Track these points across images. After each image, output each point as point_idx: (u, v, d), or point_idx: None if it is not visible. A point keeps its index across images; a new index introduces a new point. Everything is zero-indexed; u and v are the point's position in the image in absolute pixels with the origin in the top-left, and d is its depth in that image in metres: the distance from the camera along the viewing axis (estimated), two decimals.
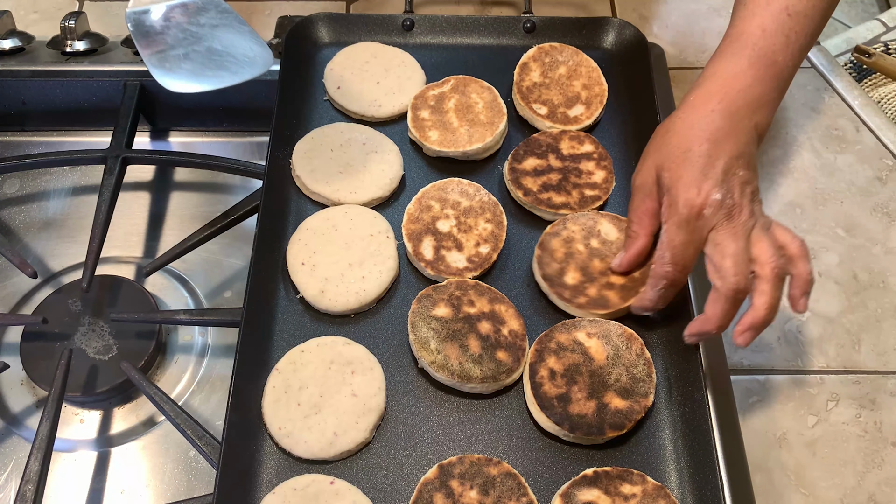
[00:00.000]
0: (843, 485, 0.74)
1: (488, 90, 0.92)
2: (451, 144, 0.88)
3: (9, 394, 0.83)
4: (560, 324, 0.76)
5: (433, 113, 0.90)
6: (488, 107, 0.90)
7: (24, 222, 0.97)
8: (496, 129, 0.88)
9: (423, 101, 0.92)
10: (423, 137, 0.89)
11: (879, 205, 0.92)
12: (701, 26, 1.09)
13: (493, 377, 0.72)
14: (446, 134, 0.89)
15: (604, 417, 0.70)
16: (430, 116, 0.90)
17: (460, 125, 0.89)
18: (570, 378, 0.72)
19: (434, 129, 0.89)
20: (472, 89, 0.92)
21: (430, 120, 0.90)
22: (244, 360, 0.73)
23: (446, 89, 0.92)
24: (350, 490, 0.68)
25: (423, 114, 0.90)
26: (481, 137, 0.88)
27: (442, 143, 0.88)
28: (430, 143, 0.88)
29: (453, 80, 0.93)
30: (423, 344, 0.74)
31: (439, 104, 0.91)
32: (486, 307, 0.76)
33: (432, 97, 0.92)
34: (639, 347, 0.74)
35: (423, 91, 0.92)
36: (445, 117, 0.90)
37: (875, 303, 0.85)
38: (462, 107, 0.91)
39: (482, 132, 0.88)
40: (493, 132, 0.88)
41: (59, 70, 0.99)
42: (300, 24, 0.98)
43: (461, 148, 0.87)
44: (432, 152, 0.89)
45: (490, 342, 0.74)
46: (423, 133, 0.89)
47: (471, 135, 0.88)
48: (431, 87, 0.93)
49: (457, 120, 0.90)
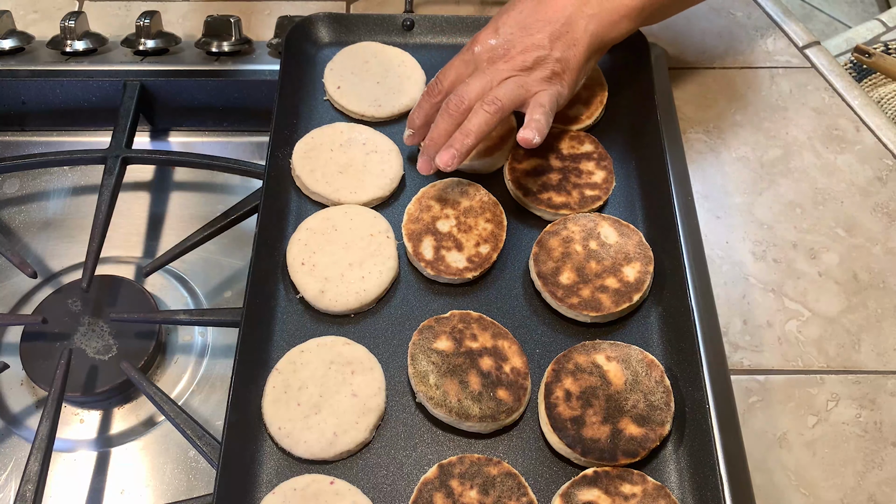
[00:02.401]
0: (843, 485, 0.74)
1: None
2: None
3: (9, 394, 0.84)
4: (580, 345, 0.75)
5: None
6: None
7: (24, 222, 0.97)
8: (505, 143, 0.87)
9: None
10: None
11: (879, 205, 0.92)
12: (701, 26, 1.09)
13: (492, 416, 0.70)
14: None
15: (617, 444, 0.69)
16: None
17: None
18: (586, 401, 0.71)
19: None
20: None
21: None
22: (244, 360, 0.73)
23: None
24: (350, 490, 0.68)
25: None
26: (489, 152, 0.86)
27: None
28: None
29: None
30: (421, 378, 0.72)
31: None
32: (489, 342, 0.75)
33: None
34: (659, 374, 0.72)
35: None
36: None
37: (875, 303, 0.85)
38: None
39: (490, 147, 0.87)
40: (501, 147, 0.87)
41: (58, 70, 0.99)
42: (300, 24, 0.98)
43: (468, 161, 0.86)
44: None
45: (491, 379, 0.72)
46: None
47: (479, 148, 0.86)
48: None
49: None
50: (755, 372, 0.80)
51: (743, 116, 1.00)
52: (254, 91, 0.99)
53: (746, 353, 0.82)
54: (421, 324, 0.76)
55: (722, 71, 1.04)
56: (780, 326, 0.83)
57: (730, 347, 0.81)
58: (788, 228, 0.90)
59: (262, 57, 1.01)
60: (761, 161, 0.95)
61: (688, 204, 0.89)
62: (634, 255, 0.80)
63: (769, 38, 1.08)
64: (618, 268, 0.79)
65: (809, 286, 0.86)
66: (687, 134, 0.98)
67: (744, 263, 0.88)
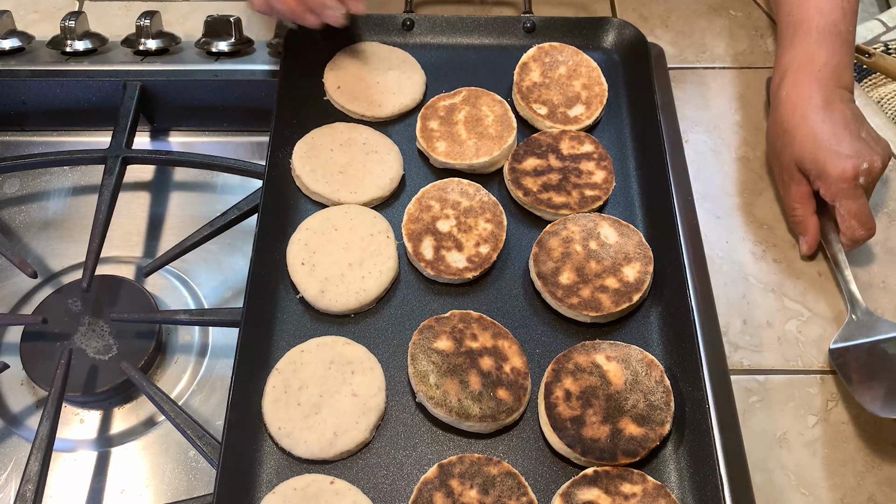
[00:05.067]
0: (843, 485, 0.74)
1: (500, 104, 0.92)
2: (458, 157, 0.87)
3: (9, 394, 0.83)
4: (580, 345, 0.75)
5: (442, 124, 0.90)
6: (498, 120, 0.90)
7: (24, 222, 0.97)
8: (504, 143, 0.87)
9: (434, 111, 0.91)
10: (430, 148, 0.88)
11: (879, 205, 0.92)
12: (701, 26, 1.09)
13: (492, 416, 0.71)
14: (454, 146, 0.88)
15: (617, 443, 0.69)
16: (438, 127, 0.90)
17: (468, 137, 0.89)
18: (586, 401, 0.71)
19: (442, 141, 0.89)
20: (484, 102, 0.92)
21: (439, 131, 0.89)
22: (244, 360, 0.73)
23: (457, 100, 0.92)
24: (350, 490, 0.68)
25: (433, 124, 0.90)
26: (488, 151, 0.87)
27: (449, 154, 0.87)
28: (437, 155, 0.88)
29: (465, 91, 0.93)
30: (422, 377, 0.72)
31: (449, 115, 0.91)
32: (489, 342, 0.75)
33: (442, 108, 0.91)
34: (659, 374, 0.72)
35: (433, 101, 0.92)
36: (454, 129, 0.89)
37: (875, 303, 0.85)
38: (472, 119, 0.90)
39: (489, 146, 0.87)
40: (500, 146, 0.87)
41: (58, 70, 0.99)
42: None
43: (467, 161, 0.87)
44: (439, 163, 0.88)
45: (491, 379, 0.72)
46: (430, 144, 0.88)
47: (478, 148, 0.87)
48: (443, 97, 0.93)
49: (465, 132, 0.89)
50: (755, 372, 0.80)
51: (743, 116, 1.00)
52: (254, 91, 0.99)
53: (746, 353, 0.82)
54: (421, 324, 0.76)
55: (722, 71, 1.04)
56: (780, 326, 0.83)
57: (730, 347, 0.81)
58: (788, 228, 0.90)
59: (262, 57, 1.01)
60: (761, 161, 0.95)
61: (688, 204, 0.89)
62: (634, 255, 0.80)
63: (769, 38, 1.08)
64: (618, 268, 0.79)
65: (809, 286, 0.86)
66: (687, 134, 0.98)
67: (744, 263, 0.88)
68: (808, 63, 0.87)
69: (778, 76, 0.89)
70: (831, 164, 0.81)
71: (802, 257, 0.87)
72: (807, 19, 0.89)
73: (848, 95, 0.86)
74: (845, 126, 0.82)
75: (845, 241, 0.84)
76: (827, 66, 0.86)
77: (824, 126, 0.83)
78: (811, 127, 0.83)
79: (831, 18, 0.87)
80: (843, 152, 0.81)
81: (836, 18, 0.87)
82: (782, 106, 0.87)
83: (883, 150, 0.82)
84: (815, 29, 0.88)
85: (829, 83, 0.85)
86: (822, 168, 0.81)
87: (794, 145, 0.84)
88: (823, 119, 0.83)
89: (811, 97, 0.85)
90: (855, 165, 0.80)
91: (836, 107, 0.84)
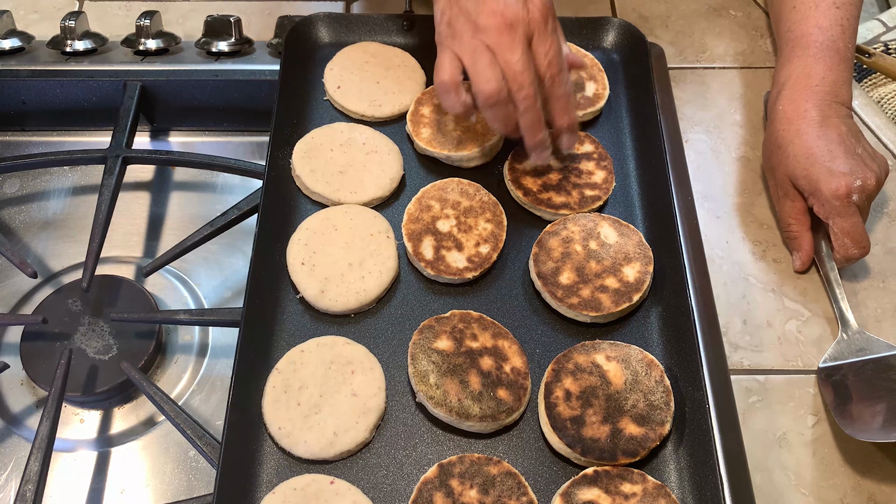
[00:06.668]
0: (843, 485, 0.74)
1: None
2: (439, 146, 0.87)
3: (9, 394, 0.83)
4: (580, 344, 0.75)
5: (434, 112, 0.90)
6: None
7: (24, 222, 0.97)
8: (487, 141, 0.87)
9: (429, 97, 0.91)
10: (415, 133, 0.89)
11: (879, 205, 0.92)
12: (701, 26, 1.09)
13: (492, 416, 0.70)
14: (437, 135, 0.88)
15: (617, 443, 0.69)
16: (429, 114, 0.90)
17: (455, 129, 0.89)
18: (586, 401, 0.71)
19: (428, 127, 0.89)
20: None
21: (428, 118, 0.90)
22: (244, 360, 0.73)
23: None
24: (350, 490, 0.68)
25: (425, 110, 0.90)
26: (468, 147, 0.87)
27: (430, 142, 0.88)
28: (420, 140, 0.88)
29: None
30: (422, 377, 0.72)
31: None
32: (489, 342, 0.75)
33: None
34: (658, 374, 0.72)
35: (432, 88, 0.92)
36: (444, 118, 0.90)
37: (875, 303, 0.85)
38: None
39: (472, 142, 0.88)
40: (483, 143, 0.87)
41: (58, 70, 0.99)
42: (300, 24, 0.98)
43: (446, 151, 0.87)
44: (419, 149, 0.89)
45: (491, 379, 0.72)
46: (416, 128, 0.89)
47: (461, 141, 0.88)
48: None
49: (453, 124, 0.89)
50: (755, 372, 0.80)
51: (743, 116, 1.00)
52: (254, 91, 0.99)
53: (746, 353, 0.82)
54: (421, 323, 0.76)
55: (722, 71, 1.05)
56: (780, 326, 0.83)
57: (730, 347, 0.81)
58: None
59: (262, 57, 1.01)
60: (761, 161, 0.95)
61: (688, 204, 0.89)
62: (634, 255, 0.80)
63: (769, 38, 1.08)
64: (618, 268, 0.79)
65: (809, 286, 0.86)
66: (687, 134, 0.98)
67: (744, 263, 0.88)
68: (806, 78, 0.86)
69: (775, 91, 0.89)
70: (824, 181, 0.80)
71: (795, 272, 0.87)
72: (805, 35, 0.88)
73: (845, 111, 0.85)
74: (840, 143, 0.81)
75: (838, 259, 0.83)
76: (824, 81, 0.85)
77: (819, 142, 0.82)
78: (806, 143, 0.82)
79: (830, 35, 0.87)
80: (837, 170, 0.80)
81: (835, 35, 0.87)
82: (778, 121, 0.86)
83: (879, 166, 0.82)
84: (813, 45, 0.87)
85: (826, 99, 0.84)
86: (816, 185, 0.81)
87: (788, 161, 0.84)
88: (819, 135, 0.82)
89: (807, 112, 0.84)
90: (848, 183, 0.79)
91: (832, 123, 0.83)
